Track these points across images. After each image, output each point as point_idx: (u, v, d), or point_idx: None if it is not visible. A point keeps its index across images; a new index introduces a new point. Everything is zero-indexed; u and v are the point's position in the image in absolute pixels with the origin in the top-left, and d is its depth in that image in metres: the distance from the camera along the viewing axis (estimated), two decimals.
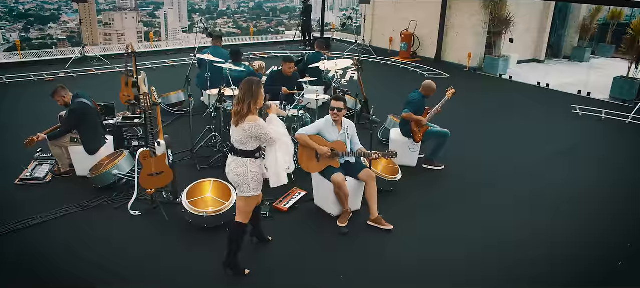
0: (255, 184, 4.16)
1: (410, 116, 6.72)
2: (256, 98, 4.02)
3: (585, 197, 6.40)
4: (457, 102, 7.70)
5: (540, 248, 5.13)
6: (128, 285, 4.37)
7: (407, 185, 6.36)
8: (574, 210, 6.01)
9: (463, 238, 5.28)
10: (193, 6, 77.31)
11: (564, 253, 5.08)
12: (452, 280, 4.58)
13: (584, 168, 7.35)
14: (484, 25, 14.02)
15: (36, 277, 4.44)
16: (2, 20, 64.67)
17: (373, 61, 15.00)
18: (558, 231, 5.54)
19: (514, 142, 8.37)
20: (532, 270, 4.76)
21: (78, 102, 6.12)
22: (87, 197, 5.77)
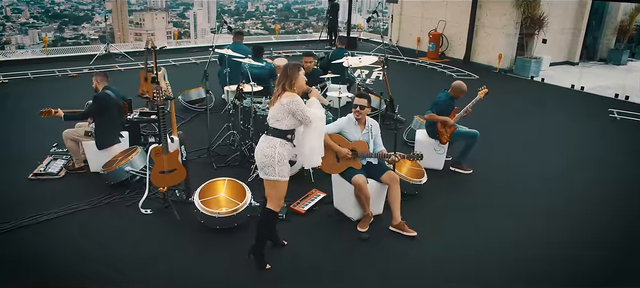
0: (280, 168, 4.02)
1: (433, 117, 6.37)
2: (291, 80, 4.03)
3: (628, 202, 5.97)
4: (487, 104, 7.32)
5: (573, 252, 4.79)
6: (133, 285, 4.15)
7: (433, 189, 6.02)
8: (614, 214, 5.58)
9: (492, 246, 4.91)
10: (222, 7, 77.93)
11: (598, 256, 4.69)
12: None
13: (624, 173, 6.87)
14: (516, 26, 13.49)
15: (40, 275, 4.25)
16: (39, 20, 66.37)
17: (400, 61, 14.64)
18: (592, 235, 5.14)
19: (547, 145, 7.92)
20: (567, 275, 4.37)
21: (104, 91, 5.97)
22: (99, 194, 5.60)
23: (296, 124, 4.06)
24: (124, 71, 11.98)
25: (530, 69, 13.25)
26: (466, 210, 5.68)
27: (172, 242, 4.79)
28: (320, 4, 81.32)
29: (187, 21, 76.95)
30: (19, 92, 9.87)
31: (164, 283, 4.19)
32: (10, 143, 7.11)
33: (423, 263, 4.59)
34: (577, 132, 8.76)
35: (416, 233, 4.96)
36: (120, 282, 4.16)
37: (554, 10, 13.74)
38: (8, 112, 8.59)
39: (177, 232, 4.92)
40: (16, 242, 4.70)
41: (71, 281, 4.17)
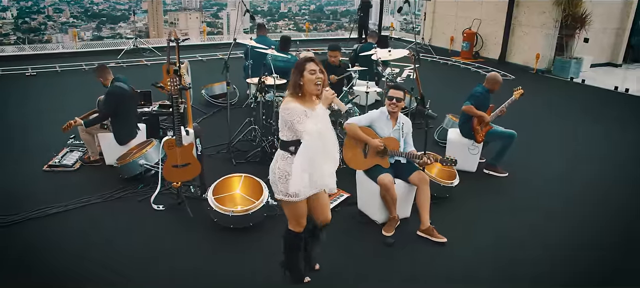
0: (283, 185, 3.37)
1: (472, 110, 5.91)
2: (294, 79, 3.30)
3: None
4: (524, 105, 6.85)
5: (618, 262, 4.30)
6: (135, 284, 3.86)
7: (465, 192, 5.58)
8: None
9: (527, 254, 4.45)
10: (255, 8, 78.18)
11: None
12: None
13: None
14: (555, 24, 12.82)
15: (40, 271, 4.01)
16: (78, 19, 67.98)
17: (432, 60, 14.14)
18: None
19: (588, 149, 7.34)
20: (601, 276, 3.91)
21: (116, 85, 5.74)
22: (112, 188, 5.37)
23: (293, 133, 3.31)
24: (150, 65, 11.84)
25: (569, 70, 12.58)
26: (500, 215, 5.23)
27: (181, 240, 4.50)
28: (353, 5, 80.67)
29: (221, 21, 77.70)
30: (45, 85, 9.81)
31: (164, 283, 3.90)
32: (29, 134, 6.98)
33: (452, 272, 4.17)
34: (620, 136, 8.13)
35: (446, 240, 4.54)
36: (119, 281, 3.89)
37: (597, 9, 13.02)
38: (31, 103, 8.49)
39: (188, 230, 4.63)
40: (22, 235, 4.49)
41: (71, 279, 3.91)
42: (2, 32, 50.85)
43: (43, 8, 71.46)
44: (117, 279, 3.90)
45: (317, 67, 3.28)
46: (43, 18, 68.48)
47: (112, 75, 5.89)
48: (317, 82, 3.26)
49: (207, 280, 3.93)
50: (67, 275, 3.94)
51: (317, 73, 3.27)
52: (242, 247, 4.35)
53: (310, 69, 3.26)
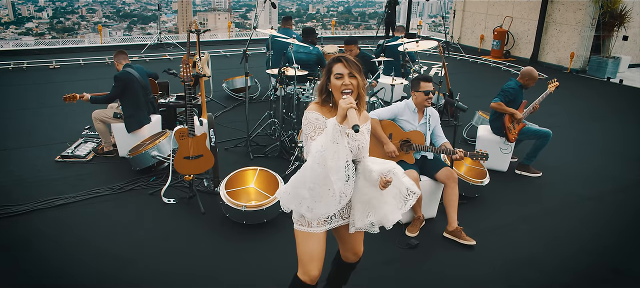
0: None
1: (501, 107, 5.52)
2: (322, 82, 2.64)
3: None
4: (558, 104, 6.42)
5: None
6: (139, 279, 3.61)
7: (496, 192, 5.22)
8: None
9: (560, 262, 4.06)
10: (283, 9, 78.45)
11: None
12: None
13: None
14: (592, 22, 12.23)
15: (43, 261, 3.79)
16: (110, 19, 69.32)
17: (461, 59, 13.69)
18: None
19: (627, 152, 6.84)
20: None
21: (125, 70, 5.56)
22: (124, 180, 5.16)
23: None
24: (173, 60, 11.71)
25: (606, 70, 11.99)
26: (534, 217, 4.83)
27: (191, 236, 4.24)
28: (382, 7, 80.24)
29: (249, 22, 78.10)
30: (67, 78, 9.73)
31: (169, 279, 3.63)
32: (47, 126, 6.84)
33: (480, 277, 3.82)
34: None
35: (475, 243, 4.19)
36: (123, 276, 3.64)
37: (637, 7, 12.40)
38: (52, 95, 8.39)
39: (198, 226, 4.37)
40: (27, 226, 4.29)
41: (73, 271, 3.69)
42: (38, 31, 52.08)
43: (77, 8, 73.19)
44: (120, 274, 3.66)
45: (345, 71, 2.52)
46: (77, 18, 70.12)
47: (126, 61, 5.71)
48: (344, 90, 2.50)
49: (215, 279, 3.66)
50: (69, 268, 3.72)
51: (346, 78, 2.51)
52: (255, 244, 4.07)
53: (336, 72, 2.53)
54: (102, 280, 3.59)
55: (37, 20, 64.04)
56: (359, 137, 2.57)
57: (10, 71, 10.05)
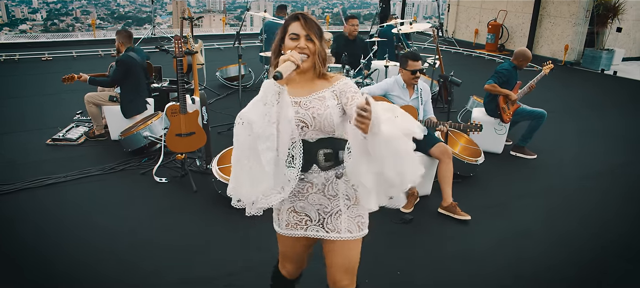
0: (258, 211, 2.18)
1: (495, 88, 5.50)
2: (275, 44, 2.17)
3: None
4: (553, 94, 6.40)
5: None
6: (131, 257, 3.55)
7: (491, 172, 5.20)
8: None
9: (558, 237, 4.03)
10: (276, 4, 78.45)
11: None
12: None
13: None
14: (586, 14, 12.25)
15: (34, 237, 3.73)
16: (105, 21, 69.23)
17: (455, 52, 13.69)
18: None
19: (622, 138, 6.82)
20: None
21: (127, 54, 5.50)
22: (115, 161, 5.10)
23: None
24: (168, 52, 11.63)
25: (600, 62, 12.00)
26: (529, 196, 4.81)
27: (182, 213, 4.19)
28: (377, 9, 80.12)
29: (244, 24, 78.20)
30: (60, 69, 9.65)
31: (162, 256, 3.57)
32: (38, 112, 6.77)
33: (474, 252, 3.78)
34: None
35: (470, 217, 4.16)
36: (113, 254, 3.58)
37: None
38: (45, 85, 8.32)
39: (190, 204, 4.32)
40: (15, 204, 4.23)
41: (61, 248, 3.62)
42: (32, 33, 51.97)
43: (71, 10, 72.97)
44: (111, 250, 3.60)
45: (302, 31, 2.06)
46: (71, 19, 69.90)
47: (130, 43, 5.65)
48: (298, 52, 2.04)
49: (207, 255, 3.61)
50: (57, 245, 3.66)
51: (301, 40, 2.06)
52: (247, 220, 4.00)
53: (292, 31, 2.08)
54: (92, 256, 3.53)
55: (31, 22, 63.77)
56: (315, 104, 2.08)
57: (2, 63, 9.97)
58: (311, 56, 2.08)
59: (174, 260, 3.49)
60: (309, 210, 2.20)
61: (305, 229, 2.21)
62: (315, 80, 2.16)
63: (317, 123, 2.08)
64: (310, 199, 2.17)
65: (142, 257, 3.53)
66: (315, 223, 2.20)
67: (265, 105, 1.89)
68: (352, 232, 2.21)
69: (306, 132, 2.09)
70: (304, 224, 2.21)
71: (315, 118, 2.07)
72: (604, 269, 3.65)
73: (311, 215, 2.20)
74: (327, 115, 2.07)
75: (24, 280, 3.23)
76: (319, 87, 2.14)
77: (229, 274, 3.36)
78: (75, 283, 3.23)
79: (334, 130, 2.11)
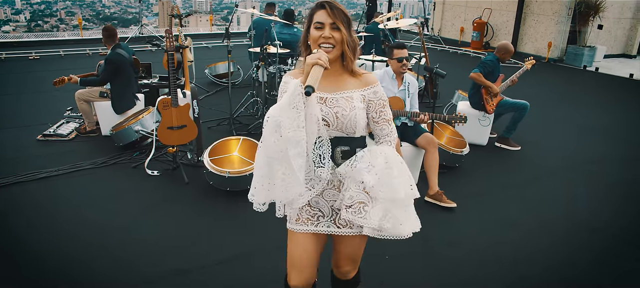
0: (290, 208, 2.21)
1: (480, 78, 5.65)
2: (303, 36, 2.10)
3: None
4: (537, 90, 6.54)
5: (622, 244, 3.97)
6: (123, 248, 3.62)
7: (476, 163, 5.34)
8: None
9: (541, 223, 4.18)
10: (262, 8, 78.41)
11: None
12: (517, 271, 3.52)
13: None
14: (569, 12, 12.49)
15: (26, 229, 3.79)
16: (90, 22, 68.84)
17: (441, 50, 13.87)
18: None
19: (605, 131, 7.01)
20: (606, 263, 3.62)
21: (116, 52, 5.55)
22: (107, 156, 5.15)
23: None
24: (155, 51, 11.66)
25: (582, 59, 12.24)
26: (513, 185, 4.95)
27: (175, 204, 4.26)
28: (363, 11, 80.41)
29: (232, 22, 78.04)
30: (48, 68, 9.65)
31: (154, 247, 3.64)
32: (28, 109, 6.80)
33: (462, 236, 3.91)
34: (637, 119, 7.81)
35: (456, 205, 4.29)
36: (106, 245, 3.63)
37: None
38: (31, 83, 8.33)
39: (182, 195, 4.40)
40: (7, 198, 4.27)
41: (54, 241, 3.68)
42: (16, 34, 51.54)
43: (55, 11, 72.37)
44: (104, 242, 3.67)
45: (328, 19, 1.98)
46: (55, 21, 69.34)
47: (116, 41, 5.69)
48: (322, 43, 1.99)
49: (199, 245, 3.68)
50: (50, 240, 3.72)
51: (327, 29, 1.98)
52: (238, 210, 4.10)
53: (317, 20, 2.00)
54: (85, 250, 3.57)
55: (14, 24, 63.14)
56: (341, 103, 2.04)
57: None
58: (337, 46, 2.01)
59: (168, 250, 3.56)
60: (322, 205, 2.17)
61: (317, 225, 2.17)
62: (344, 76, 2.09)
63: (340, 123, 2.03)
64: (325, 195, 2.15)
65: (136, 248, 3.59)
66: (328, 218, 2.18)
67: (293, 109, 1.85)
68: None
69: (326, 130, 2.04)
70: (316, 219, 2.17)
71: (339, 118, 2.02)
72: (584, 250, 3.79)
73: (324, 210, 2.17)
74: (351, 117, 2.03)
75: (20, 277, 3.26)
76: (348, 85, 2.08)
77: (221, 262, 3.44)
78: (69, 278, 3.26)
79: (356, 130, 2.07)
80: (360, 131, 2.09)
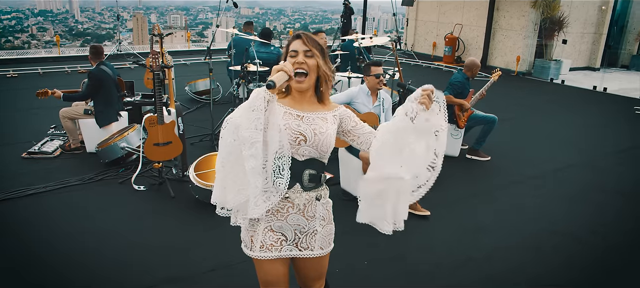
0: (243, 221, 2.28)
1: (451, 99, 5.98)
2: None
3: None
4: (506, 101, 6.90)
5: (588, 249, 4.29)
6: (113, 262, 3.79)
7: (448, 174, 5.49)
8: (633, 211, 5.13)
9: (510, 225, 4.49)
10: (239, 27, 78.75)
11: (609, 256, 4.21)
12: (488, 272, 3.81)
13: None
14: (535, 27, 13.07)
15: (17, 245, 3.92)
16: (63, 38, 68.15)
17: (415, 64, 14.29)
18: (608, 233, 4.65)
19: (570, 139, 7.45)
20: (569, 267, 3.94)
21: (99, 68, 5.71)
22: (93, 172, 5.30)
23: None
24: (134, 69, 11.78)
25: (549, 72, 12.81)
26: (484, 194, 5.28)
27: (162, 218, 4.44)
28: (338, 23, 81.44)
29: (206, 40, 78.11)
30: (27, 85, 9.69)
31: (144, 260, 3.82)
32: (10, 127, 6.88)
33: (436, 242, 4.18)
34: (600, 128, 8.28)
35: (429, 213, 4.57)
36: (97, 259, 3.80)
37: (575, 13, 13.35)
38: (11, 101, 8.39)
39: (169, 208, 4.58)
40: None
41: (44, 256, 3.82)
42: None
43: (27, 27, 71.30)
44: (93, 256, 3.83)
45: (302, 47, 2.13)
46: (27, 36, 68.29)
47: (100, 58, 5.83)
48: (296, 69, 2.10)
49: (186, 256, 3.87)
50: (39, 252, 3.86)
51: (300, 55, 2.11)
52: (224, 222, 4.27)
53: (292, 49, 2.15)
54: (77, 262, 3.72)
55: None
56: (317, 122, 2.14)
57: None
58: (311, 73, 2.12)
59: (159, 260, 3.74)
60: (286, 229, 2.22)
61: (280, 250, 2.21)
62: (317, 102, 2.22)
63: (317, 140, 2.11)
64: (290, 219, 2.20)
65: (127, 259, 3.76)
66: (290, 243, 2.24)
67: (252, 111, 1.89)
68: (324, 248, 2.31)
69: (301, 147, 2.11)
70: (279, 244, 2.21)
71: (317, 135, 2.11)
72: (551, 251, 4.10)
73: (287, 234, 2.23)
74: (327, 135, 2.13)
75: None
76: (320, 108, 2.21)
77: (212, 270, 3.64)
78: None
79: (327, 151, 2.17)
80: (328, 155, 2.20)
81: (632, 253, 4.18)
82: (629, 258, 4.10)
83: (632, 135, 7.89)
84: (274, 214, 2.19)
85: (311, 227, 2.25)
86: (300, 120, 2.13)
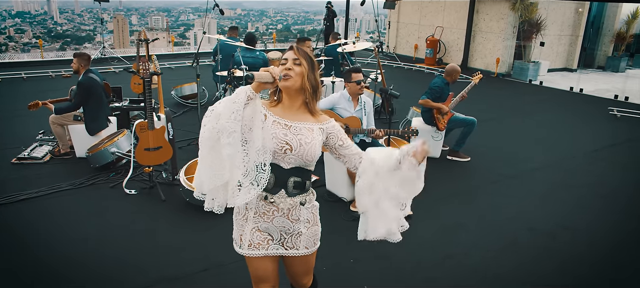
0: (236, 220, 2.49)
1: (428, 103, 6.20)
2: None
3: (619, 195, 5.77)
4: (486, 103, 7.14)
5: (564, 245, 4.54)
6: (106, 264, 3.92)
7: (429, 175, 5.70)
8: (608, 208, 5.38)
9: (488, 223, 4.72)
10: (222, 28, 78.45)
11: (586, 253, 4.46)
12: (469, 267, 4.02)
13: (620, 167, 6.68)
14: (513, 30, 13.41)
15: (10, 250, 4.03)
16: (41, 39, 66.98)
17: (397, 66, 14.54)
18: (583, 229, 4.91)
19: (547, 139, 7.74)
20: (549, 267, 4.17)
21: (88, 76, 5.80)
22: (84, 177, 5.40)
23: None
24: (119, 73, 11.83)
25: (528, 73, 13.15)
26: (464, 193, 5.51)
27: (153, 220, 4.58)
28: (320, 24, 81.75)
29: (188, 41, 77.66)
30: (11, 91, 9.71)
31: (135, 262, 3.95)
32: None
33: (418, 239, 4.38)
34: (576, 128, 8.59)
35: (412, 212, 4.75)
36: (89, 261, 3.92)
37: (552, 16, 13.72)
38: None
39: (160, 212, 4.72)
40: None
41: (38, 259, 3.94)
42: None
43: (4, 28, 70.24)
44: (86, 259, 3.95)
45: (292, 56, 2.28)
46: (4, 38, 67.30)
47: (88, 65, 5.91)
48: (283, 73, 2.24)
49: (178, 257, 4.00)
50: (34, 257, 3.97)
51: (289, 62, 2.27)
52: (215, 224, 4.45)
53: (283, 57, 2.32)
54: (69, 266, 3.84)
55: None
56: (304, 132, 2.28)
57: None
58: (296, 77, 2.24)
59: (153, 261, 3.89)
60: (272, 230, 2.39)
61: (267, 248, 2.39)
62: (306, 114, 2.34)
63: (302, 150, 2.25)
64: (275, 222, 2.37)
65: (122, 261, 3.90)
66: (276, 242, 2.41)
67: (233, 103, 2.06)
68: (309, 247, 2.47)
69: (287, 155, 2.26)
70: (266, 243, 2.39)
71: (302, 145, 2.24)
72: (528, 246, 4.32)
73: (273, 235, 2.40)
74: (313, 145, 2.26)
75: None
76: (308, 119, 2.33)
77: (206, 269, 3.79)
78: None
79: (312, 161, 2.31)
80: (313, 163, 2.35)
81: (607, 249, 4.42)
82: (604, 253, 4.34)
83: (607, 134, 8.21)
84: (260, 216, 2.37)
85: (296, 229, 2.41)
86: (287, 129, 2.27)
